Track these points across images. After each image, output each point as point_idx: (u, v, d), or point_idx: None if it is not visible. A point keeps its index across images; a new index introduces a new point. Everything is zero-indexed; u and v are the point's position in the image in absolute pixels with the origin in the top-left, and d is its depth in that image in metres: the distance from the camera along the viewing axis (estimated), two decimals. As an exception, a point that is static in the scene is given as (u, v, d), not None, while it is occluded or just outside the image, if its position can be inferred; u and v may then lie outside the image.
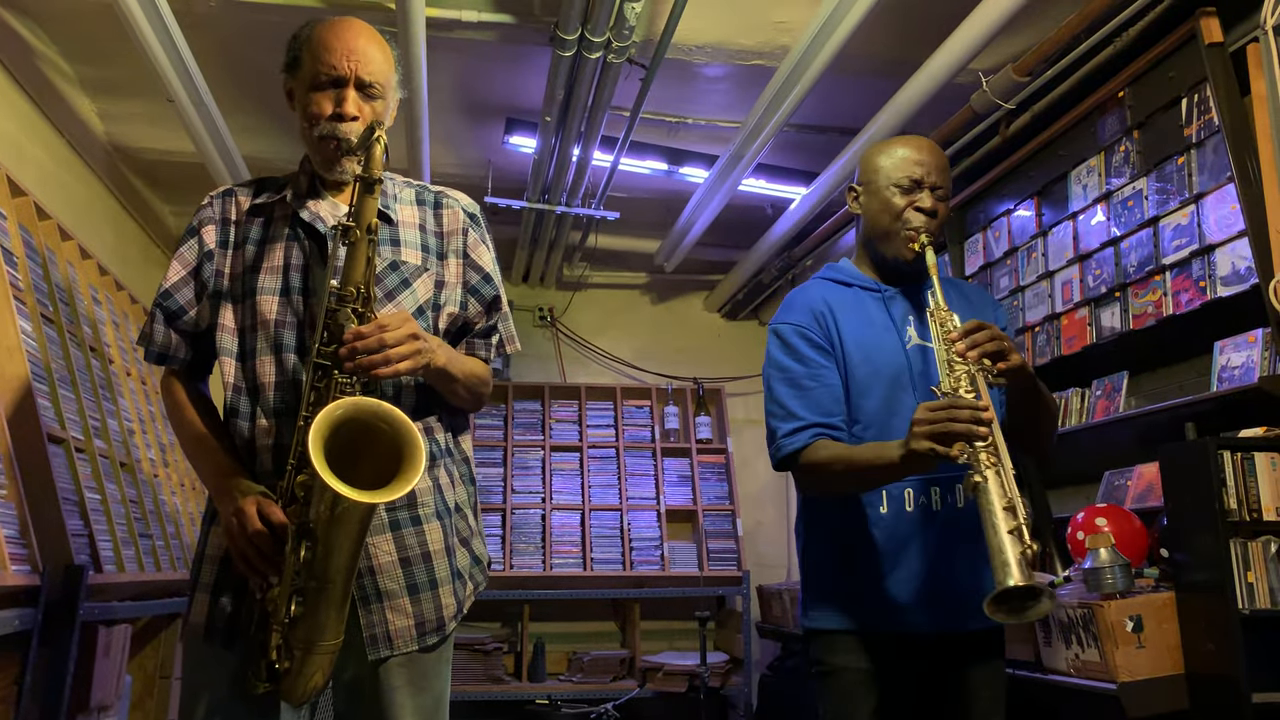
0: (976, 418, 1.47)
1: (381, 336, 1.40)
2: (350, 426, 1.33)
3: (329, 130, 1.54)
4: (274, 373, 1.52)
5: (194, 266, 1.61)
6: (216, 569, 1.52)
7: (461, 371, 1.58)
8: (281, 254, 1.58)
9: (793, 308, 1.84)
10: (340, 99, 1.54)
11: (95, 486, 2.67)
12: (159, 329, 1.61)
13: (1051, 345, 3.24)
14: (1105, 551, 2.34)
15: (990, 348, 1.57)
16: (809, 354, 1.77)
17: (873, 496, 1.72)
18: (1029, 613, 1.40)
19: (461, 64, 3.47)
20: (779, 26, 3.24)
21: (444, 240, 1.68)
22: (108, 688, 2.57)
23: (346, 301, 1.42)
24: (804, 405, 1.73)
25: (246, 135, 3.96)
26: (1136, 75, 2.85)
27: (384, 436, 1.35)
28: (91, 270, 3.35)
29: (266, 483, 1.48)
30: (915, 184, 1.79)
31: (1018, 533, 1.40)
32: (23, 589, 2.11)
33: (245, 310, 1.56)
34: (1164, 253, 2.73)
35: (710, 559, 4.88)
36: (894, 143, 1.87)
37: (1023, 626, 2.55)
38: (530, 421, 5.21)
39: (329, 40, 1.56)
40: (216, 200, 1.66)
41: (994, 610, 1.38)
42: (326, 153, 1.57)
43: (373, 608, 1.49)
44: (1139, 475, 2.80)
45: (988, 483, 1.44)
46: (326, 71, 1.54)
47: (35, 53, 3.40)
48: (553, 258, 5.16)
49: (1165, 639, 2.25)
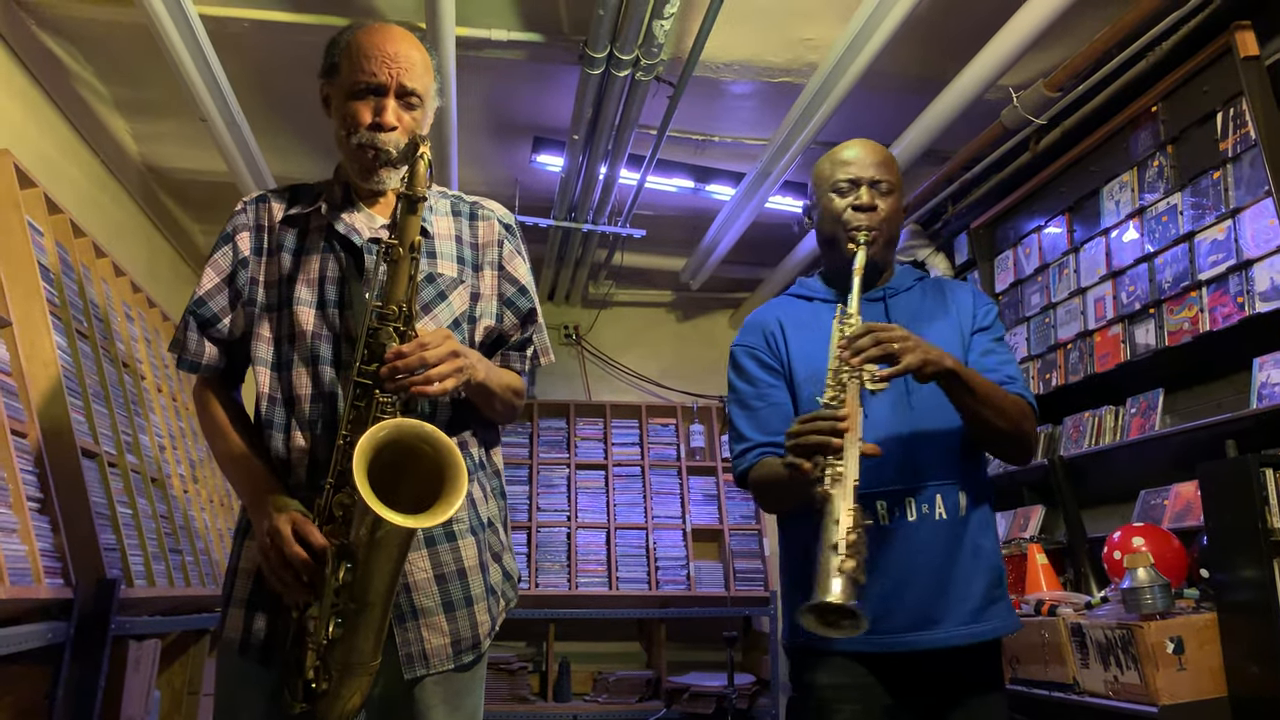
0: (833, 429, 1.45)
1: (423, 355, 1.38)
2: (393, 448, 1.32)
3: (368, 139, 1.52)
4: (309, 385, 1.51)
5: (228, 274, 1.59)
6: (251, 583, 1.50)
7: (499, 385, 1.57)
8: (317, 266, 1.56)
9: (747, 329, 1.85)
10: (379, 108, 1.52)
11: (127, 501, 2.68)
12: (192, 337, 1.58)
13: (1084, 363, 3.20)
14: (1144, 571, 2.29)
15: (873, 353, 1.51)
16: (757, 374, 1.78)
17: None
18: (844, 630, 1.38)
19: (490, 83, 3.49)
20: (807, 43, 3.24)
21: (479, 252, 1.66)
22: (137, 703, 2.57)
23: (388, 320, 1.40)
24: (751, 426, 1.74)
25: (276, 155, 4.00)
26: (1170, 89, 2.82)
27: (426, 458, 1.34)
28: (125, 287, 3.39)
29: (301, 496, 1.47)
30: (851, 183, 1.75)
31: (836, 548, 1.38)
32: (56, 602, 2.12)
33: (281, 320, 1.55)
34: (1200, 268, 2.69)
35: (736, 579, 4.84)
36: (833, 150, 1.83)
37: (1058, 647, 2.51)
38: (555, 439, 5.21)
39: (369, 46, 1.53)
40: (250, 206, 1.63)
41: (810, 621, 1.38)
42: (364, 162, 1.55)
43: (408, 625, 1.47)
44: (1176, 494, 2.75)
45: (833, 497, 1.42)
46: (366, 79, 1.51)
47: (72, 74, 3.46)
48: (578, 276, 5.17)
49: (1207, 661, 2.20)
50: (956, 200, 3.89)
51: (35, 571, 2.01)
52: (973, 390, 1.60)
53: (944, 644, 1.61)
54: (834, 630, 1.38)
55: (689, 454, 5.26)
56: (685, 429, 5.31)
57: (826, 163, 1.81)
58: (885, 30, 2.78)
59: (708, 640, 4.96)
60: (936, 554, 1.61)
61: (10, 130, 3.09)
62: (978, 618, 1.63)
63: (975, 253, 3.87)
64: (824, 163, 1.82)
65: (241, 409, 1.64)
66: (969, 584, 1.63)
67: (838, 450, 1.44)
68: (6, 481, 2.02)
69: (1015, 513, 3.51)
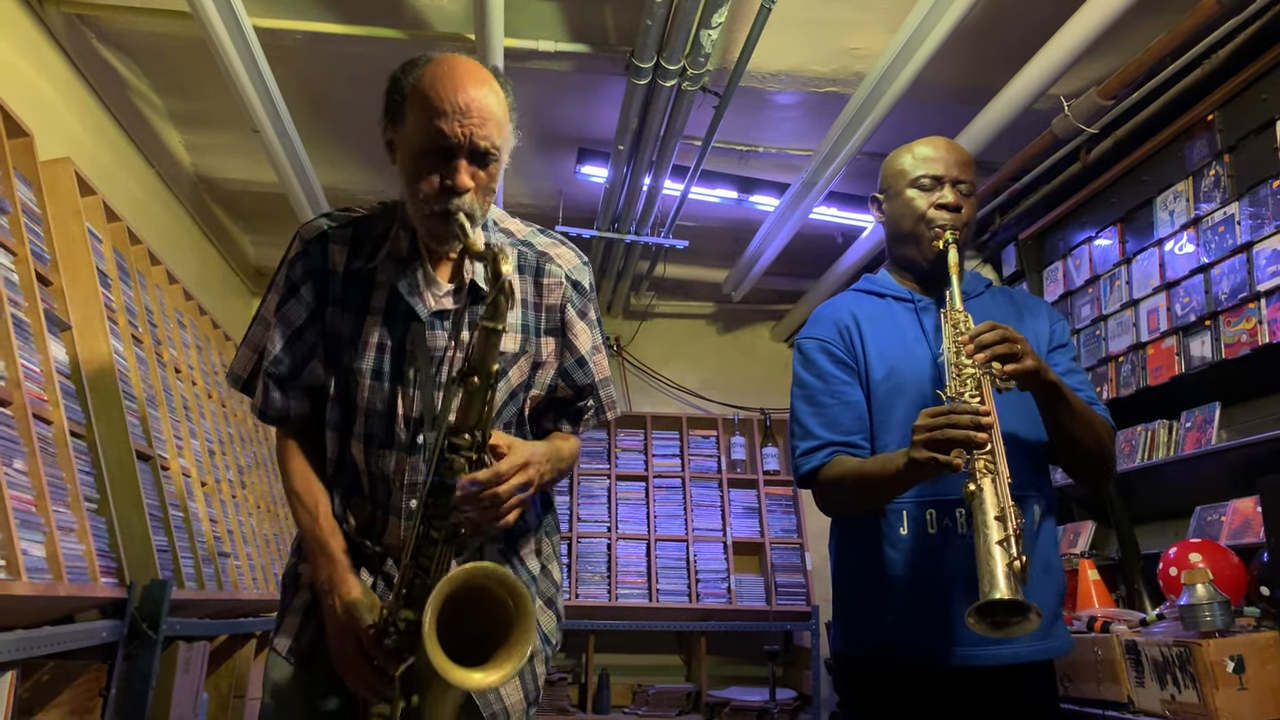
0: (976, 423, 1.39)
1: (496, 492, 1.33)
2: (466, 589, 1.29)
3: (440, 205, 1.39)
4: (363, 460, 1.50)
5: (298, 327, 1.50)
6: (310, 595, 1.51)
7: (556, 472, 1.52)
8: (377, 332, 1.48)
9: (818, 321, 1.78)
10: (451, 170, 1.37)
11: (179, 504, 2.72)
12: (274, 397, 1.51)
13: (1137, 376, 3.14)
14: (1202, 588, 2.24)
15: (1000, 350, 1.47)
16: (829, 370, 1.70)
17: (893, 518, 1.62)
18: (1013, 628, 1.32)
19: (535, 94, 3.52)
20: (854, 53, 3.23)
21: (543, 315, 1.56)
22: (186, 704, 2.60)
23: (460, 450, 1.34)
24: (821, 423, 1.67)
25: (327, 166, 4.06)
26: (1227, 98, 2.77)
27: (499, 602, 1.30)
28: (177, 295, 3.45)
29: (350, 541, 1.48)
30: (936, 181, 1.72)
31: (1006, 543, 1.33)
32: (110, 601, 2.16)
33: (348, 384, 1.50)
34: (1259, 279, 2.63)
35: (778, 593, 4.80)
36: (911, 144, 1.80)
37: (1112, 665, 2.45)
38: (596, 450, 5.21)
39: (439, 96, 1.37)
40: (313, 248, 1.51)
41: (976, 622, 1.31)
42: (433, 229, 1.42)
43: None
44: (1234, 510, 2.68)
45: (983, 491, 1.37)
46: (435, 139, 1.37)
47: (129, 87, 3.54)
48: (620, 287, 5.18)
49: (1269, 681, 2.14)
50: (1005, 211, 3.84)
51: (92, 571, 2.05)
52: (1070, 405, 1.58)
53: (1011, 660, 1.56)
54: (999, 630, 1.32)
55: (730, 466, 5.23)
56: (726, 441, 5.28)
57: (907, 156, 1.77)
58: (934, 40, 2.76)
59: (748, 654, 4.92)
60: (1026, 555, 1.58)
61: (70, 140, 3.17)
62: (1045, 634, 1.59)
63: (1024, 264, 3.82)
64: (903, 156, 1.78)
65: (322, 455, 1.56)
66: (1041, 599, 1.59)
67: (983, 444, 1.39)
68: (65, 481, 2.06)
69: (1065, 528, 3.45)
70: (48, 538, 1.90)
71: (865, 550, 1.66)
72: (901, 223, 1.76)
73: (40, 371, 2.10)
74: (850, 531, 1.71)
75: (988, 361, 1.47)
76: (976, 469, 1.39)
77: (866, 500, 1.63)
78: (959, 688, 1.59)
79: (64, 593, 1.89)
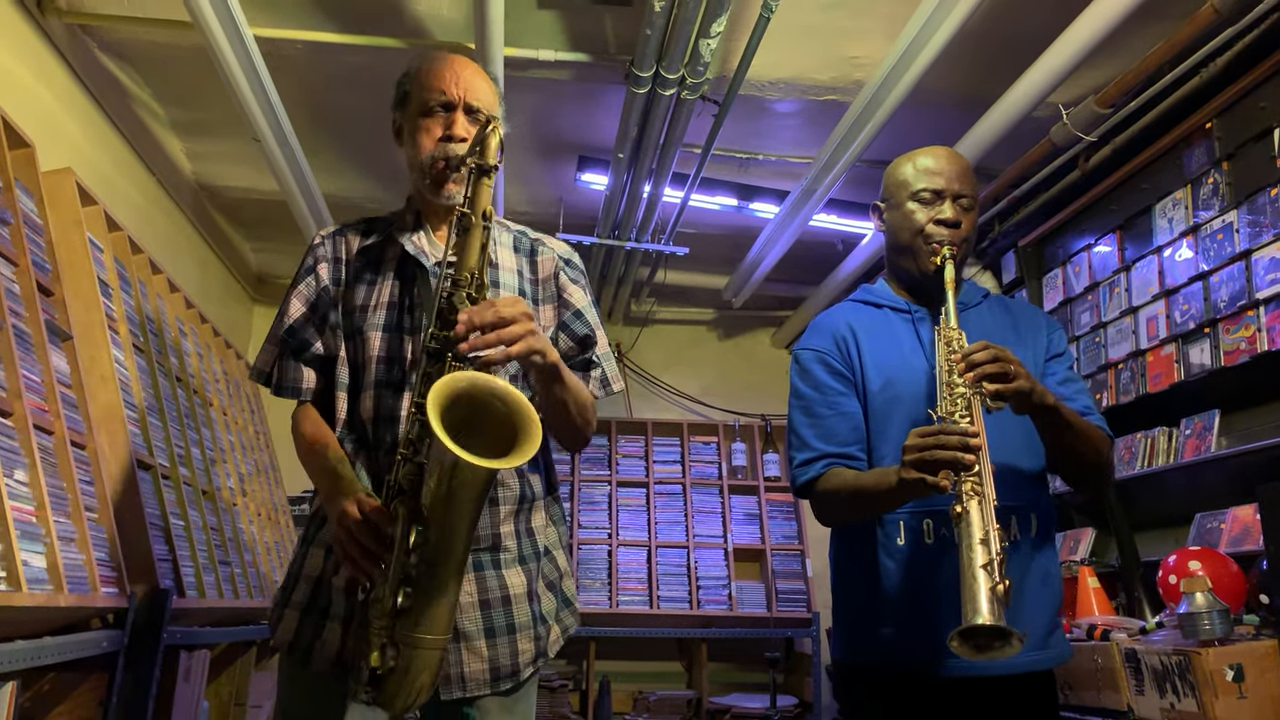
0: (964, 444, 1.38)
1: (497, 310, 1.35)
2: (466, 402, 1.29)
3: (440, 151, 1.57)
4: (373, 409, 1.54)
5: (313, 301, 1.62)
6: (310, 589, 1.53)
7: (571, 381, 1.54)
8: (388, 291, 1.59)
9: (815, 332, 1.77)
10: (450, 122, 1.57)
11: (180, 513, 2.73)
12: (289, 364, 1.61)
13: (1136, 383, 3.15)
14: (1202, 596, 2.23)
15: (990, 370, 1.46)
16: (826, 381, 1.70)
17: (890, 528, 1.62)
18: (995, 652, 1.31)
19: (536, 103, 3.53)
20: (853, 61, 3.24)
21: (539, 286, 1.67)
22: (187, 713, 2.60)
23: (461, 286, 1.41)
24: (817, 435, 1.67)
25: (327, 174, 4.07)
26: (1225, 106, 2.78)
27: (498, 413, 1.30)
28: (179, 303, 3.46)
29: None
30: (936, 195, 1.70)
31: (990, 568, 1.32)
32: (111, 610, 2.16)
33: (356, 346, 1.58)
34: (1258, 287, 2.64)
35: (779, 599, 4.80)
36: (914, 154, 1.78)
37: (1112, 673, 2.45)
38: (597, 456, 5.21)
39: (437, 69, 1.60)
40: (329, 240, 1.67)
41: (959, 646, 1.31)
42: (436, 173, 1.58)
43: (449, 647, 1.44)
44: (1233, 518, 2.69)
45: (969, 514, 1.36)
46: (436, 97, 1.58)
47: (131, 96, 3.55)
48: (621, 293, 5.19)
49: (1268, 689, 2.14)
50: (1004, 218, 3.85)
51: (92, 580, 2.05)
52: (1067, 422, 1.57)
53: (1009, 671, 1.56)
54: (983, 654, 1.31)
55: (730, 472, 5.23)
56: (726, 447, 5.29)
57: (908, 166, 1.76)
58: (933, 48, 2.77)
59: (749, 661, 4.92)
60: (1011, 578, 1.58)
61: (71, 149, 3.18)
62: (1043, 644, 1.60)
63: (1023, 271, 3.83)
64: (904, 166, 1.77)
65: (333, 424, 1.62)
66: (1039, 610, 1.60)
67: (970, 466, 1.39)
68: (66, 491, 2.06)
69: (1065, 535, 3.45)
70: (48, 548, 1.91)
71: (863, 559, 1.66)
72: (900, 235, 1.75)
73: (41, 382, 2.10)
74: (848, 540, 1.72)
75: (978, 381, 1.47)
76: (964, 491, 1.38)
77: (862, 513, 1.64)
78: (959, 697, 1.59)
79: (65, 603, 1.89)
